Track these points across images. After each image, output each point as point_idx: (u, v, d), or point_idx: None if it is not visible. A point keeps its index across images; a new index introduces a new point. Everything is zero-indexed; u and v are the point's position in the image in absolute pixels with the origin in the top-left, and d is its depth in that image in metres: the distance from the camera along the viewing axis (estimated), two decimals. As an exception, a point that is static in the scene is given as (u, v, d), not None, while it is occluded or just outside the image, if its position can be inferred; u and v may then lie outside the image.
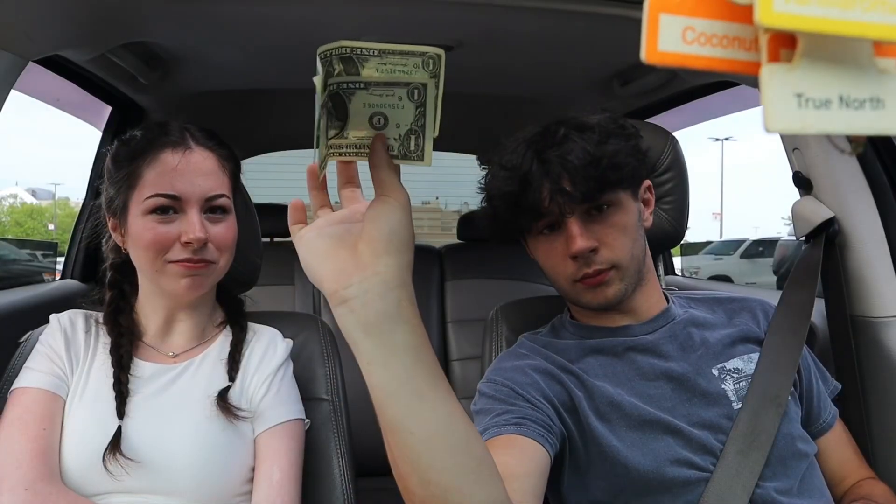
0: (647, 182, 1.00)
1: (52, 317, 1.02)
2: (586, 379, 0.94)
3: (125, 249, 0.99)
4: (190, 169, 0.94)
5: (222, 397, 0.96)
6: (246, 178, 1.12)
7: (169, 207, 0.93)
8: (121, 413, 0.92)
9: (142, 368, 0.98)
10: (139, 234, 0.93)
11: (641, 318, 0.99)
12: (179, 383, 0.98)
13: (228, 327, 1.06)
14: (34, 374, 0.94)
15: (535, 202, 0.91)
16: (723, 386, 0.93)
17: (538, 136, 0.93)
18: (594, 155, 0.88)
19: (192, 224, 0.93)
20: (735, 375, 0.95)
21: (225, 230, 0.97)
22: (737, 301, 1.05)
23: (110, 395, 0.94)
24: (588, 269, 0.92)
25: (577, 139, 0.90)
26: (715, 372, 0.94)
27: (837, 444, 1.01)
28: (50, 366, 0.95)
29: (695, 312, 1.01)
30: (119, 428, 0.91)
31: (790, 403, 0.94)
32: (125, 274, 1.04)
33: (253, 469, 0.97)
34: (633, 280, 0.95)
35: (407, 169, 0.58)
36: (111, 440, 0.89)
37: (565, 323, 1.04)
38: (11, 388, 0.95)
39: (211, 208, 0.96)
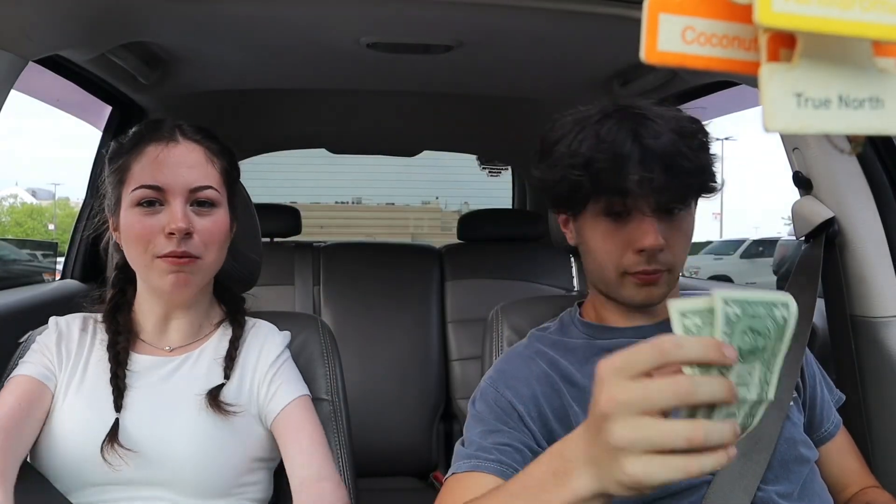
0: None
1: (52, 319, 1.04)
2: (589, 392, 0.93)
3: (121, 246, 0.99)
4: (173, 160, 0.95)
5: (213, 395, 0.96)
6: (246, 178, 1.12)
7: (154, 199, 0.94)
8: (118, 406, 0.93)
9: (139, 362, 0.99)
10: (127, 227, 0.95)
11: (657, 319, 0.98)
12: (176, 377, 0.99)
13: (226, 324, 1.06)
14: (25, 365, 0.97)
15: (622, 184, 0.86)
16: None
17: (631, 120, 0.87)
18: (696, 163, 0.86)
19: (174, 214, 0.92)
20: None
21: (211, 224, 0.96)
22: None
23: (107, 388, 0.95)
24: (648, 266, 0.90)
25: (677, 137, 0.86)
26: None
27: (840, 452, 1.01)
28: (40, 358, 0.98)
29: None
30: (116, 420, 0.92)
31: (793, 409, 0.94)
32: (129, 274, 1.04)
33: (255, 460, 0.98)
34: (674, 284, 0.95)
35: (407, 168, 0.57)
36: (109, 432, 0.91)
37: (574, 320, 1.03)
38: (6, 378, 0.97)
39: (197, 201, 0.96)
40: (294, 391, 1.01)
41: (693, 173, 0.86)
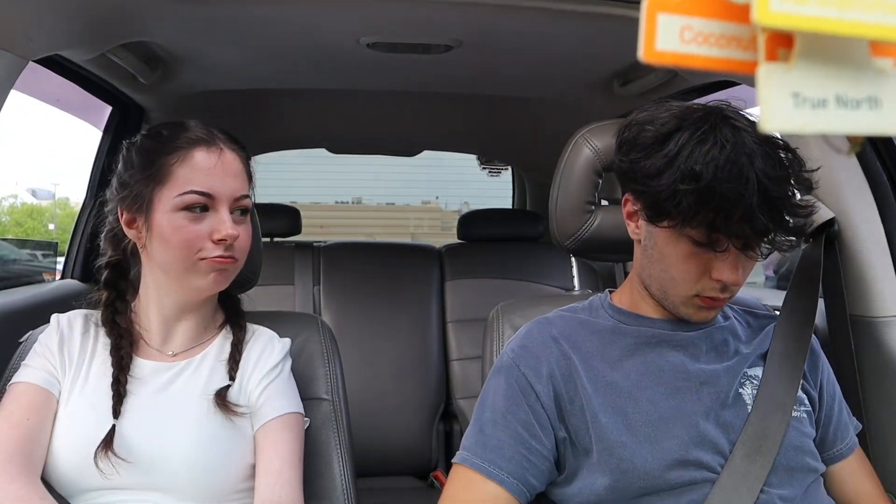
0: None
1: (53, 317, 1.03)
2: (605, 374, 0.95)
3: (143, 245, 0.99)
4: (221, 168, 0.96)
5: (221, 395, 0.96)
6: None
7: (201, 205, 0.95)
8: (116, 412, 0.93)
9: (141, 366, 0.99)
10: (169, 232, 0.94)
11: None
12: (179, 381, 0.98)
13: (228, 327, 1.06)
14: (27, 370, 0.96)
15: (726, 216, 0.83)
16: (741, 391, 0.95)
17: (760, 155, 0.83)
18: (799, 224, 0.87)
19: (224, 222, 0.95)
20: (754, 381, 0.96)
21: (245, 232, 1.00)
22: (768, 319, 1.06)
23: (108, 393, 0.94)
24: (722, 294, 0.91)
25: (788, 185, 0.85)
26: (738, 377, 0.96)
27: (853, 474, 1.01)
28: (43, 363, 0.97)
29: (735, 323, 1.02)
30: (113, 427, 0.91)
31: (804, 422, 0.95)
32: (120, 272, 1.04)
33: (253, 466, 0.98)
34: None
35: (407, 168, 0.57)
36: (104, 438, 0.90)
37: (605, 304, 1.04)
38: (9, 384, 0.96)
39: (236, 209, 0.98)
40: (282, 407, 1.00)
41: (794, 232, 0.88)
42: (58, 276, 1.89)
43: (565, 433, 0.93)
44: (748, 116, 0.90)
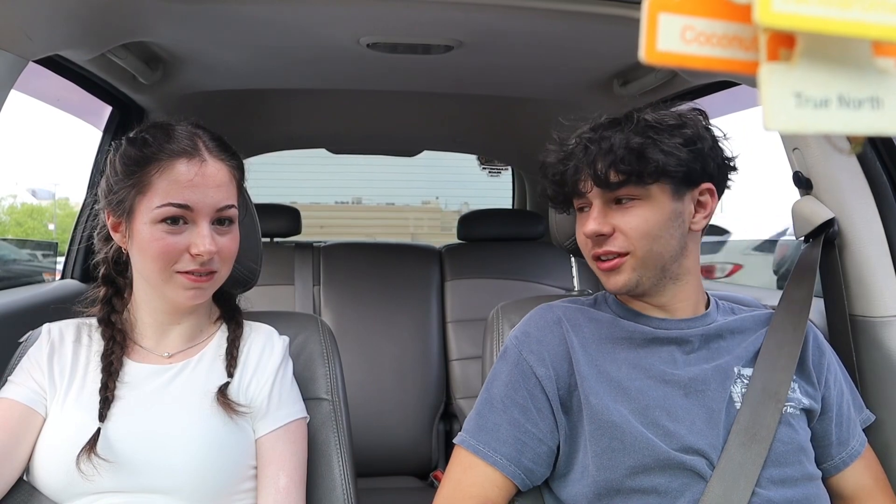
0: (709, 185, 0.98)
1: (45, 326, 1.02)
2: (598, 361, 0.97)
3: (126, 250, 0.99)
4: (202, 180, 0.94)
5: (222, 392, 0.96)
6: (246, 178, 1.12)
7: (179, 217, 0.93)
8: (102, 416, 0.92)
9: (136, 370, 0.98)
10: (147, 242, 0.93)
11: (676, 315, 1.01)
12: (177, 382, 0.98)
13: (224, 325, 1.06)
14: (10, 386, 0.96)
15: (571, 179, 0.98)
16: (731, 389, 0.95)
17: (602, 122, 0.98)
18: (626, 145, 0.92)
19: (202, 237, 0.93)
20: (745, 381, 0.96)
21: (230, 241, 0.98)
22: (767, 318, 1.06)
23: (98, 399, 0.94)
24: (599, 249, 0.97)
25: (623, 128, 0.94)
26: (729, 376, 0.97)
27: (866, 470, 1.01)
28: (28, 380, 0.96)
29: (732, 322, 1.02)
30: (98, 430, 0.91)
31: (799, 419, 0.95)
32: (118, 269, 1.03)
33: (253, 467, 0.97)
34: (652, 275, 0.96)
35: (407, 168, 0.57)
36: (88, 441, 0.89)
37: (608, 299, 1.07)
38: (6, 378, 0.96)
39: (219, 219, 0.96)
40: (287, 415, 1.00)
41: (614, 154, 0.92)
42: (58, 277, 1.89)
43: (564, 415, 0.96)
44: (638, 115, 0.97)
